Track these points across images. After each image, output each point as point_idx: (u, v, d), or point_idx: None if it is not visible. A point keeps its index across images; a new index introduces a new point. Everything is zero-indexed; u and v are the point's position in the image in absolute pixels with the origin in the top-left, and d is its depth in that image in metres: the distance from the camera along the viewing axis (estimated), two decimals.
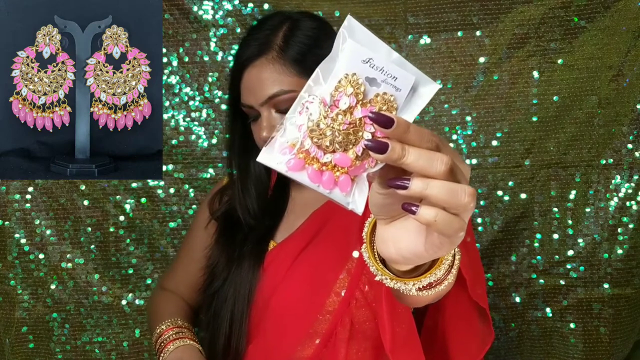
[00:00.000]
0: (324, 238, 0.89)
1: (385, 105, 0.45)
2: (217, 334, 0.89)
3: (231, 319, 0.88)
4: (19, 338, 1.22)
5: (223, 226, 0.96)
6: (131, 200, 1.23)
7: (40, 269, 1.22)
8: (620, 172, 1.20)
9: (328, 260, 0.86)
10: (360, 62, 0.45)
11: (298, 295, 0.86)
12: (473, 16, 1.19)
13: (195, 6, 1.21)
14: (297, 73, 0.84)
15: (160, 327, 0.93)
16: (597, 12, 1.16)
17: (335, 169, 0.46)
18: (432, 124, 1.23)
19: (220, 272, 0.92)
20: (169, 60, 1.22)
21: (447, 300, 0.87)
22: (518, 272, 1.24)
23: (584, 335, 1.22)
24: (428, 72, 1.21)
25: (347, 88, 0.45)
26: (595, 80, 1.18)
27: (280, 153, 0.46)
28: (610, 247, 1.21)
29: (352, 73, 0.45)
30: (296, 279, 0.87)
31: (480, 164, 1.22)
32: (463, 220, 0.41)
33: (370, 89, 0.45)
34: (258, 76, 0.83)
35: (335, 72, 0.46)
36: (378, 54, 0.46)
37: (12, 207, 1.20)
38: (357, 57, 0.46)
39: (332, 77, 0.46)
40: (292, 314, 0.86)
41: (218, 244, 0.95)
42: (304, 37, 0.87)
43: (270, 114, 0.85)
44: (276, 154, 0.47)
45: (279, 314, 0.86)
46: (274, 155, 0.47)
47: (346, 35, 0.46)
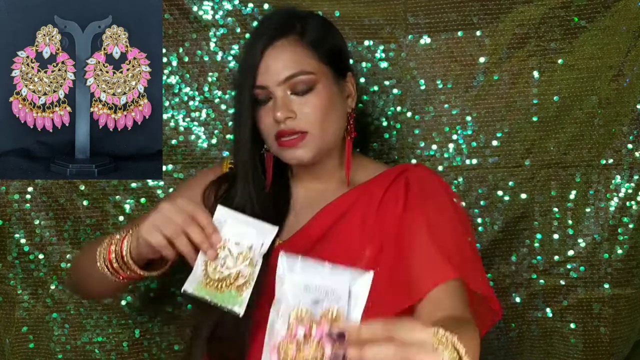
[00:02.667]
0: (332, 238, 0.89)
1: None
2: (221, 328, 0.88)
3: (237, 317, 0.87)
4: (19, 338, 1.22)
5: None
6: (131, 201, 1.23)
7: (40, 269, 1.22)
8: (620, 172, 1.20)
9: (338, 258, 0.85)
10: (302, 292, 0.61)
11: None
12: (473, 16, 1.19)
13: (195, 6, 1.21)
14: (315, 57, 0.87)
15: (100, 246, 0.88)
16: (597, 12, 1.16)
17: None
18: (432, 124, 1.22)
19: None
20: (169, 60, 1.22)
21: None
22: (518, 272, 1.24)
23: (584, 335, 1.22)
24: (428, 72, 1.21)
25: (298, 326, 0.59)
26: (596, 80, 1.18)
27: None
28: (610, 247, 1.20)
29: (298, 308, 0.60)
30: None
31: (480, 164, 1.22)
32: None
33: (316, 308, 0.60)
34: (279, 56, 0.87)
35: (283, 311, 0.62)
36: (312, 276, 0.62)
37: (12, 207, 1.20)
38: (297, 288, 0.62)
39: (283, 316, 0.62)
40: None
41: None
42: (319, 26, 0.93)
43: (286, 95, 0.86)
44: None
45: None
46: None
47: (284, 276, 0.64)
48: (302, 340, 0.58)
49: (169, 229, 0.76)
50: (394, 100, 1.23)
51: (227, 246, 0.76)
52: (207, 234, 0.77)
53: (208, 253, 0.76)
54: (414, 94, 1.22)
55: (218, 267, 0.76)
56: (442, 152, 1.23)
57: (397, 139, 1.24)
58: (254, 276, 0.75)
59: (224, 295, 0.74)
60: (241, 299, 0.74)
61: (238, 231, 0.77)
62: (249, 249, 0.76)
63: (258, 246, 0.76)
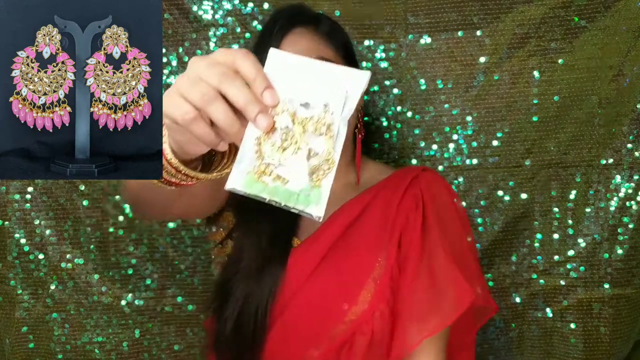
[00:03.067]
0: (349, 240, 0.87)
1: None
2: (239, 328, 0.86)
3: (255, 314, 0.85)
4: (19, 338, 1.22)
5: (243, 214, 0.93)
6: None
7: (40, 269, 1.22)
8: (620, 172, 1.20)
9: (354, 265, 0.85)
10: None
11: (320, 300, 0.84)
12: (473, 16, 1.19)
13: (195, 6, 1.21)
14: (332, 47, 0.89)
15: None
16: (597, 12, 1.16)
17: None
18: (433, 124, 1.22)
19: (247, 264, 0.87)
20: (169, 60, 1.22)
21: None
22: (518, 272, 1.24)
23: (584, 335, 1.22)
24: (428, 72, 1.21)
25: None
26: (596, 80, 1.18)
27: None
28: (610, 247, 1.20)
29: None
30: (321, 282, 0.85)
31: (480, 164, 1.22)
32: None
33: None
34: (298, 42, 0.86)
35: None
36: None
37: (12, 207, 1.20)
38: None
39: None
40: (311, 317, 0.84)
41: (242, 234, 0.90)
42: (331, 21, 0.94)
43: None
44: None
45: (298, 315, 0.84)
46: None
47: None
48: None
49: (196, 91, 0.48)
50: (394, 100, 1.23)
51: (290, 110, 0.49)
52: (256, 91, 0.49)
53: (259, 121, 0.49)
54: (414, 93, 1.22)
55: (277, 145, 0.49)
56: (442, 152, 1.23)
57: (398, 139, 1.24)
58: (336, 154, 0.49)
59: (290, 189, 0.48)
60: (318, 193, 0.48)
61: (305, 84, 0.49)
62: (324, 111, 0.49)
63: (339, 104, 0.49)
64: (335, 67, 0.49)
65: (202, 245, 1.25)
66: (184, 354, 1.25)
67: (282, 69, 0.50)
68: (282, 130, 0.49)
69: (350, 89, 0.49)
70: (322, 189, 0.48)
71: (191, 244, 1.25)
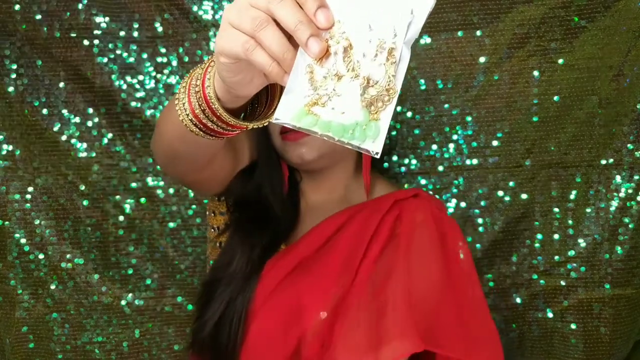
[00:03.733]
0: (313, 263, 0.84)
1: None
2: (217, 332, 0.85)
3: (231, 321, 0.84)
4: (19, 338, 1.22)
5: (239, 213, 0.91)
6: (131, 200, 1.23)
7: (40, 269, 1.22)
8: (620, 172, 1.20)
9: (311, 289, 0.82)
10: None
11: (279, 314, 0.82)
12: (473, 16, 1.18)
13: (195, 6, 1.21)
14: None
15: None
16: (597, 12, 1.16)
17: None
18: (433, 124, 1.22)
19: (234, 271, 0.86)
20: (169, 60, 1.22)
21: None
22: (519, 273, 1.24)
23: (585, 335, 1.21)
24: (428, 72, 1.21)
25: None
26: (596, 80, 1.17)
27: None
28: (610, 247, 1.20)
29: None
30: (282, 298, 0.83)
31: (480, 164, 1.22)
32: None
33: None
34: None
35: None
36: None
37: (12, 207, 1.20)
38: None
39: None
40: (276, 327, 0.82)
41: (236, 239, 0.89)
42: None
43: None
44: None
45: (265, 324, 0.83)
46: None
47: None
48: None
49: (247, 18, 0.44)
50: None
51: (347, 32, 0.43)
52: (308, 12, 0.44)
53: (310, 46, 0.43)
54: (414, 93, 1.22)
55: (332, 73, 0.43)
56: (442, 152, 1.23)
57: (398, 139, 1.24)
58: (398, 82, 0.43)
59: (345, 123, 0.43)
60: (377, 127, 0.42)
61: (364, 2, 0.43)
62: (386, 33, 0.42)
63: (403, 26, 0.42)
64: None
65: (202, 245, 1.25)
66: (184, 354, 1.25)
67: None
68: (338, 56, 0.43)
69: (416, 8, 0.42)
70: (381, 121, 0.42)
71: (191, 244, 1.25)
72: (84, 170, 1.22)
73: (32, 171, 1.20)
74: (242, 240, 0.88)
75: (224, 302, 0.85)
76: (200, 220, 1.25)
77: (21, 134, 1.19)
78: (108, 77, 1.21)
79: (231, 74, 0.48)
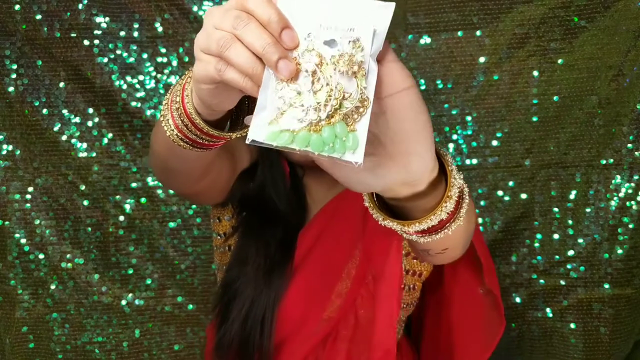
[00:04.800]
0: (329, 235, 0.87)
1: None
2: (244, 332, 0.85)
3: (262, 319, 0.84)
4: (19, 338, 1.22)
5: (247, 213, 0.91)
6: (131, 200, 1.23)
7: (40, 269, 1.22)
8: (620, 172, 1.20)
9: (334, 257, 0.85)
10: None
11: (304, 296, 0.84)
12: (473, 16, 1.19)
13: (195, 6, 1.21)
14: None
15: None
16: (597, 12, 1.16)
17: None
18: (433, 124, 1.22)
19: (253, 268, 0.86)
20: (169, 60, 1.22)
21: (454, 290, 0.86)
22: (518, 273, 1.24)
23: (584, 335, 1.22)
24: (428, 72, 1.21)
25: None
26: (596, 80, 1.18)
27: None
28: (610, 247, 1.20)
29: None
30: (303, 277, 0.85)
31: (480, 164, 1.22)
32: None
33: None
34: None
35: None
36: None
37: (12, 207, 1.20)
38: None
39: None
40: (297, 314, 0.84)
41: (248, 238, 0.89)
42: None
43: None
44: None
45: (289, 315, 0.85)
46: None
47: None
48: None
49: (212, 41, 0.44)
50: None
51: (315, 48, 0.43)
52: (274, 32, 0.44)
53: (280, 69, 0.43)
54: None
55: (305, 88, 0.43)
56: None
57: None
58: (370, 91, 0.42)
59: (324, 136, 0.42)
60: (355, 138, 0.42)
61: (326, 19, 0.43)
62: (353, 47, 0.42)
63: (367, 40, 0.42)
64: (358, 0, 0.43)
65: (202, 245, 1.25)
66: (184, 354, 1.25)
67: (298, 2, 0.43)
68: (308, 72, 0.43)
69: (377, 22, 0.43)
70: (359, 132, 0.42)
71: (191, 244, 1.25)
72: (84, 170, 1.22)
73: (32, 171, 1.20)
74: (255, 238, 0.88)
75: (248, 300, 0.84)
76: (200, 220, 1.25)
77: (21, 134, 1.19)
78: (108, 77, 1.21)
79: (212, 97, 0.49)
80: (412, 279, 0.86)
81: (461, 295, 0.86)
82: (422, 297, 0.94)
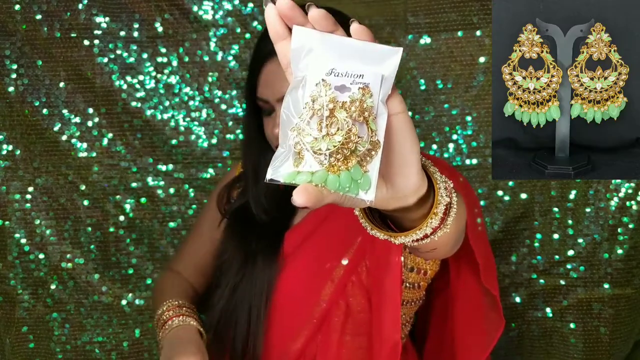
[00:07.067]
0: (328, 226, 0.88)
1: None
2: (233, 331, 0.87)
3: (249, 316, 0.86)
4: (19, 338, 1.22)
5: (234, 221, 0.94)
6: (131, 200, 1.23)
7: (40, 269, 1.22)
8: None
9: (329, 247, 0.86)
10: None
11: (297, 283, 0.86)
12: (473, 16, 1.19)
13: (195, 6, 1.21)
14: None
15: (162, 307, 0.88)
16: None
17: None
18: (432, 124, 1.23)
19: (237, 270, 0.89)
20: (169, 61, 1.22)
21: (458, 289, 0.87)
22: (518, 272, 1.24)
23: (584, 335, 1.22)
24: (428, 72, 1.21)
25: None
26: None
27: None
28: (610, 247, 1.20)
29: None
30: (295, 267, 0.86)
31: (480, 164, 1.22)
32: None
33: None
34: (277, 71, 0.82)
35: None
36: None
37: (12, 207, 1.20)
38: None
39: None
40: (292, 303, 0.86)
41: (231, 240, 0.93)
42: None
43: None
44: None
45: (281, 305, 0.86)
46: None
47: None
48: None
49: None
50: None
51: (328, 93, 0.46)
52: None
53: None
54: (414, 94, 1.22)
55: (324, 133, 0.45)
56: (442, 152, 1.23)
57: None
58: (380, 134, 0.46)
59: (341, 179, 0.45)
60: (367, 179, 0.45)
61: (338, 64, 0.46)
62: (363, 93, 0.45)
63: (376, 85, 0.46)
64: (367, 45, 0.45)
65: None
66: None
67: (310, 48, 0.45)
68: (324, 117, 0.45)
69: (386, 67, 0.46)
70: (370, 173, 0.45)
71: None
72: (84, 170, 1.22)
73: (32, 171, 1.20)
74: (235, 235, 0.92)
75: (229, 288, 0.88)
76: None
77: (21, 134, 1.19)
78: (108, 77, 1.21)
79: None
80: (417, 276, 0.86)
81: (464, 295, 0.86)
82: (428, 301, 0.94)
